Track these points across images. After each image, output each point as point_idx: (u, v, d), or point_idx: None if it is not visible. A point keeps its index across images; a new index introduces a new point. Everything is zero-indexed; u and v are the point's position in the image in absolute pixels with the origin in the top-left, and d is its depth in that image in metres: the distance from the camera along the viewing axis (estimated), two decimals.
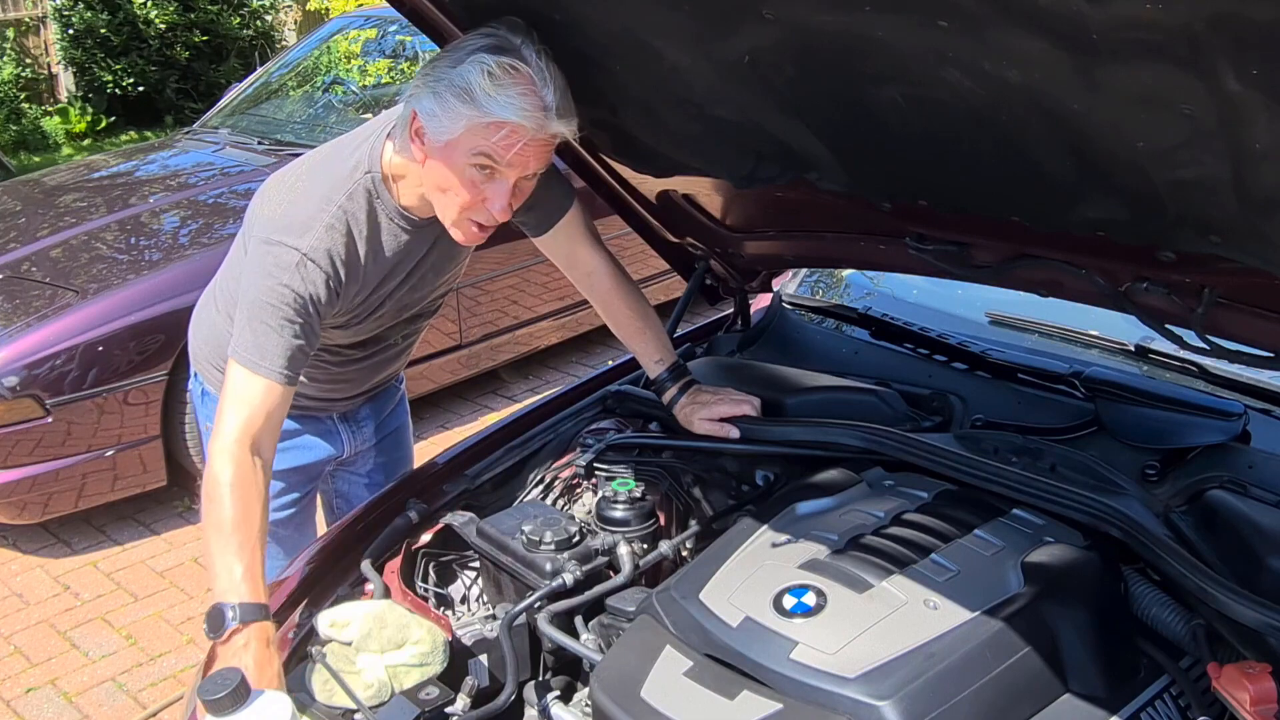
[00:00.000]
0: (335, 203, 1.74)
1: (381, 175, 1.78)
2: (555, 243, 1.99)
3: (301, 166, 1.86)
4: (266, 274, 1.70)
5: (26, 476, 3.58)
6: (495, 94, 1.57)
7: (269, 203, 1.81)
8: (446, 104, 1.60)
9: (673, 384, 1.99)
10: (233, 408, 1.66)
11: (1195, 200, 1.29)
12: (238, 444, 1.63)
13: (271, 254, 1.71)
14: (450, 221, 1.74)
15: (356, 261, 1.78)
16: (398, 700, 1.45)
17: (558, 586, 1.60)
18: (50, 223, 4.30)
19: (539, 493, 1.96)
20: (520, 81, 1.58)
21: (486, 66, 1.57)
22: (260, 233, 1.75)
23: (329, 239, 1.72)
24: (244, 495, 1.60)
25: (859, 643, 1.31)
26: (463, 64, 1.59)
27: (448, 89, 1.60)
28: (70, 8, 9.28)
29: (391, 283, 1.89)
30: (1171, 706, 1.36)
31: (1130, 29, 1.02)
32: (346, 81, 5.33)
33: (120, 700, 3.08)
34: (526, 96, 1.58)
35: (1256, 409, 1.81)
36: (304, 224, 1.72)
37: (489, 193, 1.68)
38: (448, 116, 1.61)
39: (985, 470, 1.64)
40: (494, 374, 4.86)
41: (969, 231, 1.75)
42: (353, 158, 1.79)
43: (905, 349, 2.23)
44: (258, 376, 1.67)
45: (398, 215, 1.81)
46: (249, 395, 1.66)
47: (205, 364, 2.14)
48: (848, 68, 1.37)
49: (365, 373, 2.11)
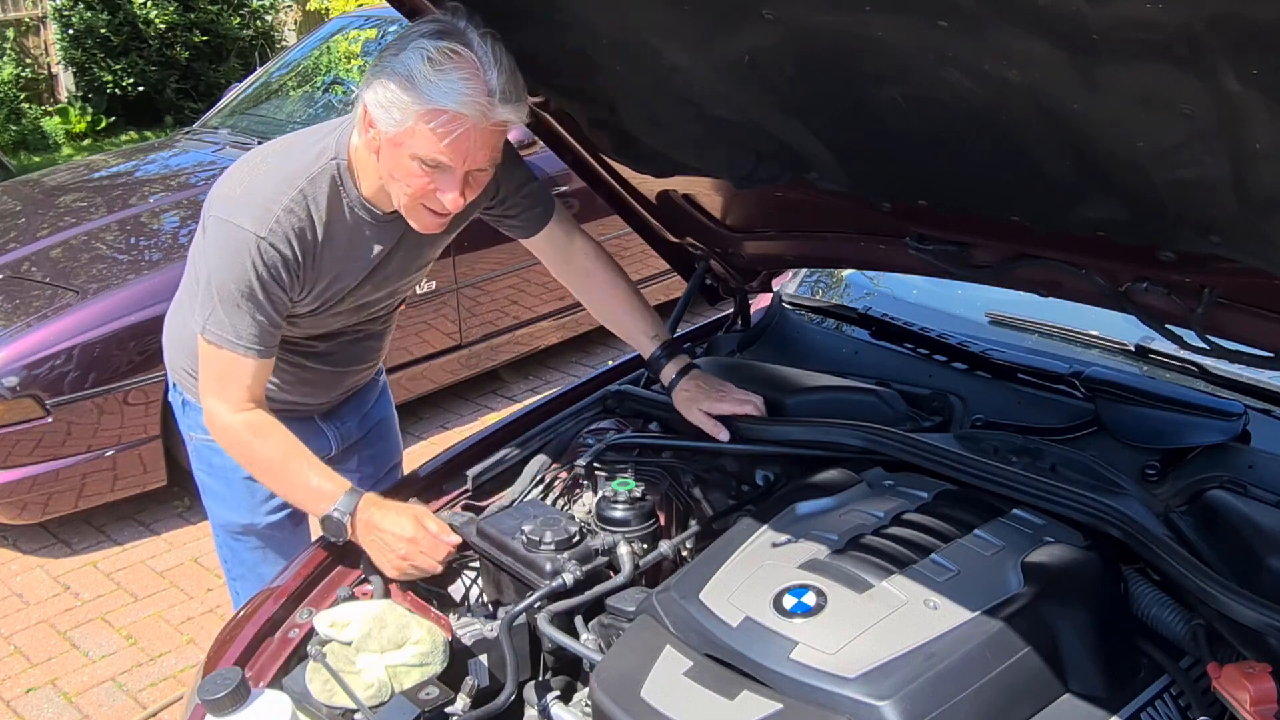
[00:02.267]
0: (296, 186, 1.74)
1: (348, 163, 1.77)
2: (548, 243, 2.00)
3: (267, 149, 1.85)
4: (228, 256, 1.71)
5: (26, 476, 3.58)
6: (436, 79, 1.54)
7: (230, 182, 1.80)
8: (390, 93, 1.58)
9: (669, 362, 1.98)
10: (220, 381, 1.77)
11: (1195, 200, 1.29)
12: (240, 405, 1.78)
13: (231, 236, 1.71)
14: (404, 208, 1.73)
15: (315, 245, 1.77)
16: (398, 700, 1.45)
17: (558, 586, 1.60)
18: (50, 223, 4.30)
19: (539, 493, 1.96)
20: (462, 65, 1.55)
21: (426, 52, 1.55)
22: (219, 211, 1.75)
23: (287, 221, 1.72)
24: (271, 431, 1.79)
25: (859, 643, 1.31)
26: (404, 50, 1.57)
27: (390, 77, 1.58)
28: (70, 8, 9.28)
29: (351, 276, 1.87)
30: (1171, 706, 1.36)
31: (1130, 29, 1.02)
32: (346, 81, 5.33)
33: (120, 700, 3.08)
34: (468, 81, 1.55)
35: (1256, 409, 1.81)
36: (263, 205, 1.72)
37: (439, 183, 1.67)
38: (393, 106, 1.59)
39: (985, 470, 1.64)
40: (494, 374, 4.86)
41: (969, 231, 1.75)
42: (320, 144, 1.79)
43: (905, 349, 2.23)
44: (237, 354, 1.75)
45: (360, 205, 1.80)
46: (234, 370, 1.76)
47: (183, 373, 2.13)
48: (848, 68, 1.37)
49: (331, 377, 2.11)
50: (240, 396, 1.78)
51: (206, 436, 2.12)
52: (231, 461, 2.10)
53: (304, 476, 1.78)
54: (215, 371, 1.79)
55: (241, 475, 2.13)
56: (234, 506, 2.18)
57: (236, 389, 1.77)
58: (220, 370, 1.78)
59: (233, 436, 1.81)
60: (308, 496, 1.78)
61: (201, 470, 2.20)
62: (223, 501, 2.19)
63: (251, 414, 1.80)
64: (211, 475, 2.18)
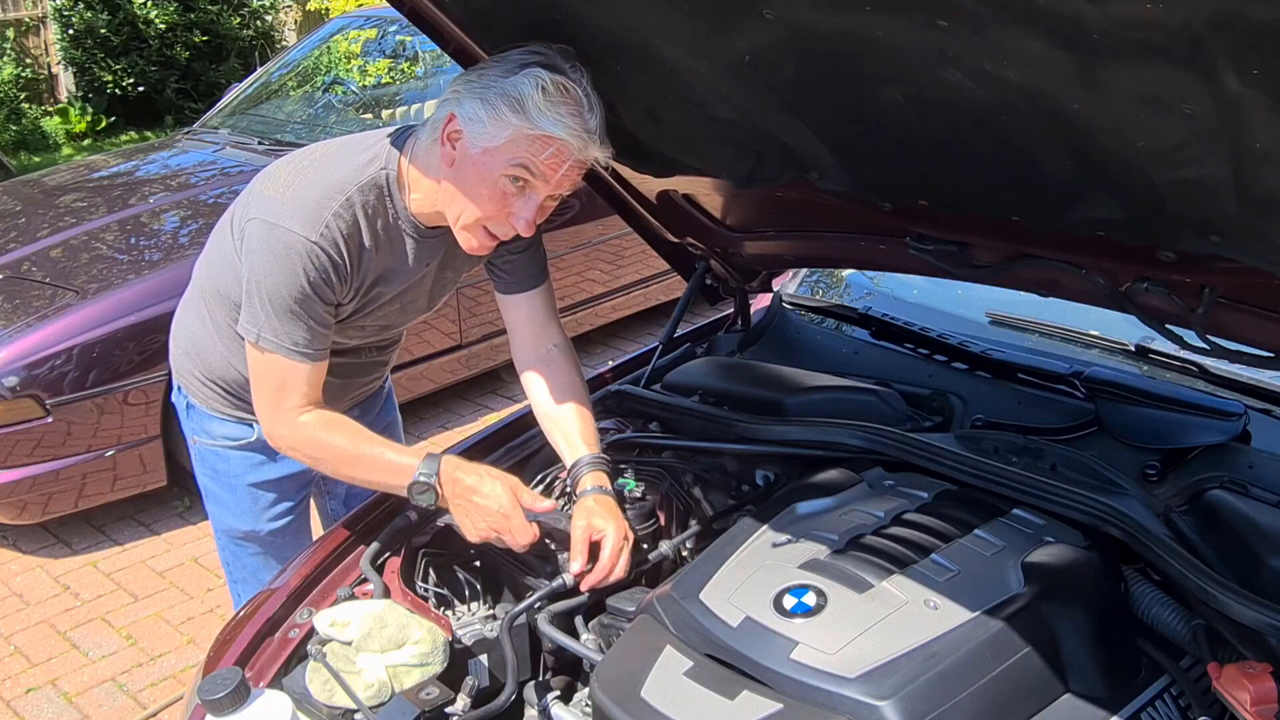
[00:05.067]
0: (345, 193, 1.72)
1: (397, 175, 1.76)
2: (528, 308, 1.96)
3: (314, 153, 1.83)
4: (278, 260, 1.69)
5: (26, 476, 3.58)
6: (547, 109, 1.58)
7: (274, 183, 1.77)
8: (495, 111, 1.60)
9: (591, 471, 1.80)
10: (280, 391, 1.77)
11: (1195, 200, 1.29)
12: (302, 409, 1.78)
13: (280, 239, 1.69)
14: (463, 226, 1.71)
15: (361, 252, 1.76)
16: (398, 700, 1.45)
17: (558, 586, 1.60)
18: (50, 223, 4.30)
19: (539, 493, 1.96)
20: (570, 102, 1.59)
21: (541, 81, 1.58)
22: (263, 214, 1.72)
23: (337, 226, 1.70)
24: (340, 423, 1.80)
25: (859, 643, 1.31)
26: (515, 75, 1.59)
27: (499, 97, 1.59)
28: (70, 8, 9.27)
29: (388, 288, 1.86)
30: (1171, 706, 1.36)
31: (1131, 29, 1.02)
32: (346, 81, 5.33)
33: (120, 700, 3.08)
34: (575, 117, 1.60)
35: (1256, 409, 1.81)
36: (314, 210, 1.70)
37: (516, 206, 1.67)
38: (494, 123, 1.60)
39: (985, 470, 1.64)
40: (494, 374, 4.86)
41: (969, 231, 1.75)
42: (369, 151, 1.77)
43: (905, 349, 2.23)
44: (294, 361, 1.74)
45: (405, 218, 1.79)
46: (291, 377, 1.76)
47: (190, 378, 2.11)
48: (848, 68, 1.37)
49: (339, 388, 2.08)
50: (301, 401, 1.77)
51: (211, 441, 2.12)
52: (235, 467, 2.11)
53: (380, 455, 1.77)
54: (272, 381, 1.77)
55: (245, 482, 2.13)
56: (237, 513, 2.18)
57: (296, 394, 1.76)
58: (279, 379, 1.76)
59: (304, 437, 1.79)
60: (388, 472, 1.76)
61: (205, 475, 2.19)
62: (226, 508, 2.19)
63: (316, 413, 1.79)
64: (215, 481, 2.17)
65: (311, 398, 1.78)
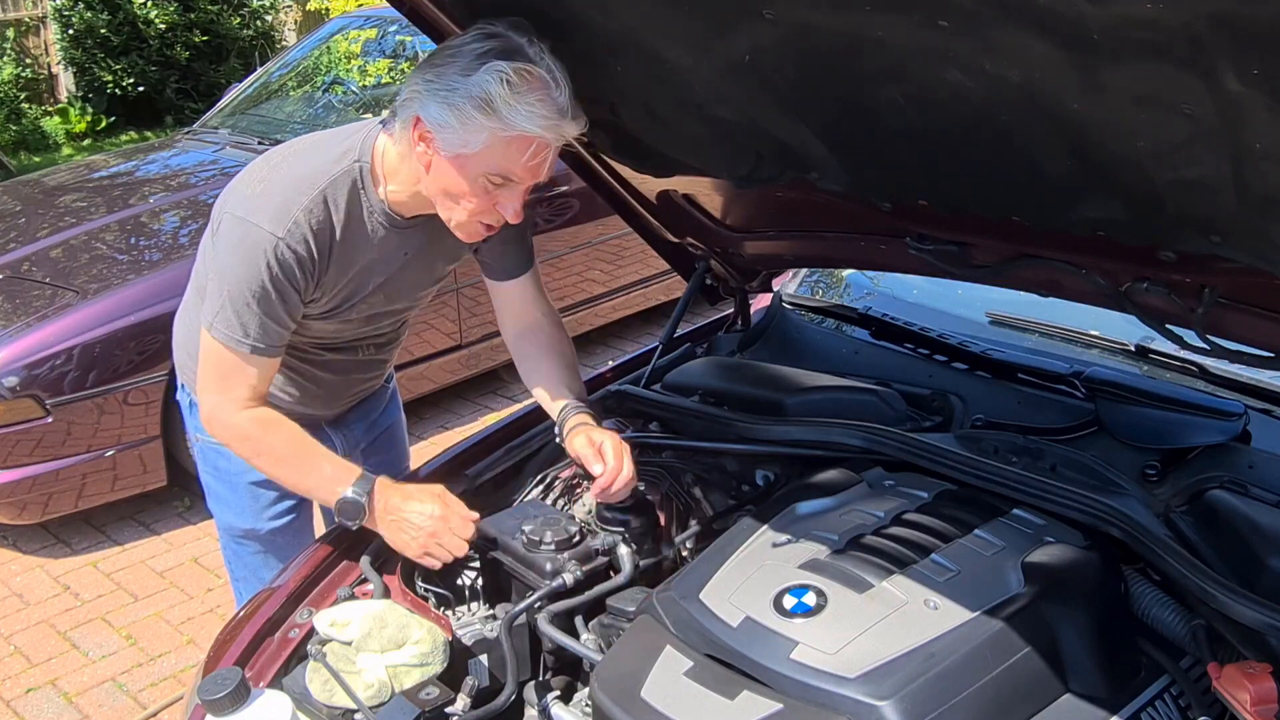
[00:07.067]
0: (317, 186, 1.72)
1: (370, 167, 1.76)
2: (519, 290, 1.98)
3: (286, 149, 1.84)
4: (243, 255, 1.70)
5: (26, 476, 3.58)
6: (516, 104, 1.55)
7: (247, 180, 1.78)
8: (463, 114, 1.57)
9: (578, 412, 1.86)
10: (225, 380, 1.77)
11: (1195, 200, 1.29)
12: (244, 404, 1.78)
13: (248, 234, 1.70)
14: (457, 224, 1.73)
15: (332, 246, 1.76)
16: (398, 700, 1.45)
17: (558, 586, 1.60)
18: (50, 223, 4.30)
19: (539, 493, 1.96)
20: (536, 87, 1.56)
21: (504, 75, 1.54)
22: (236, 209, 1.73)
23: (306, 222, 1.70)
24: (280, 425, 1.80)
25: (859, 643, 1.31)
26: (475, 73, 1.55)
27: (464, 99, 1.56)
28: (70, 8, 9.27)
29: (366, 280, 1.86)
30: (1171, 706, 1.36)
31: (1131, 28, 1.02)
32: (346, 81, 5.33)
33: (120, 700, 3.08)
34: (544, 103, 1.56)
35: (1256, 409, 1.81)
36: (282, 205, 1.70)
37: (502, 198, 1.67)
38: (465, 128, 1.58)
39: (985, 470, 1.64)
40: (494, 374, 4.86)
41: (969, 231, 1.75)
42: (342, 145, 1.77)
43: (905, 349, 2.23)
44: (243, 353, 1.75)
45: (380, 211, 1.79)
46: (239, 368, 1.76)
47: (192, 376, 2.08)
48: (848, 68, 1.37)
49: (340, 385, 2.10)
50: (245, 395, 1.78)
51: (213, 439, 2.12)
52: (237, 465, 2.10)
53: (316, 465, 1.79)
54: (219, 369, 1.78)
55: (246, 480, 2.13)
56: (238, 511, 2.18)
57: (241, 387, 1.77)
58: (226, 368, 1.77)
59: (238, 432, 1.81)
60: (321, 483, 1.78)
61: (207, 473, 2.19)
62: (227, 505, 2.19)
63: (258, 410, 1.80)
64: (216, 478, 2.17)
65: (257, 393, 1.79)
